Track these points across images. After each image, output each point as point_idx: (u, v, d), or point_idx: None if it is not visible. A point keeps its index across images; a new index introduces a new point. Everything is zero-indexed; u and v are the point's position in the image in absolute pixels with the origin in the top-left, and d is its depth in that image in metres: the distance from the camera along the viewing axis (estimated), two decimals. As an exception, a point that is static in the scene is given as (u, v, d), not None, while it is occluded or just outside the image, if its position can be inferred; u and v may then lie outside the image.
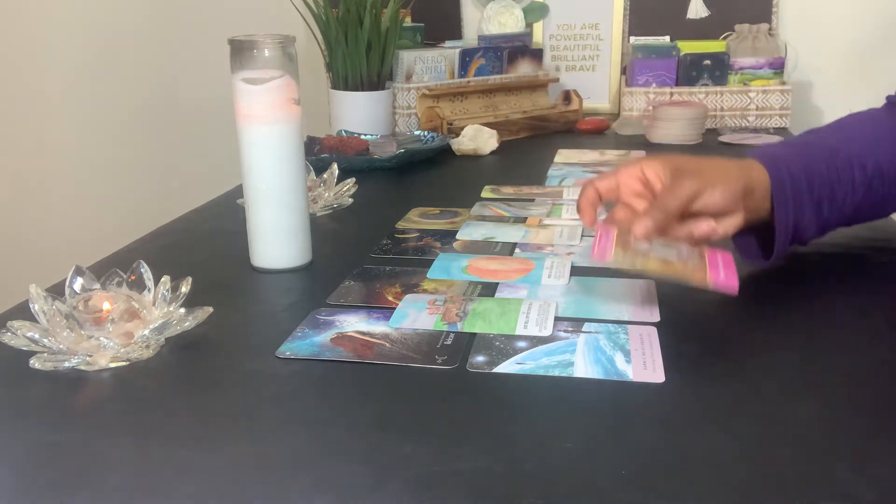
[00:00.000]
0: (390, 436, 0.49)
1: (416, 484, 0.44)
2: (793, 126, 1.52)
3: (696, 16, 1.65)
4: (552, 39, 1.72)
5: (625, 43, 1.67)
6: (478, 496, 0.43)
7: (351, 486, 0.44)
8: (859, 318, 0.66)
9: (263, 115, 0.75)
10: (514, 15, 1.70)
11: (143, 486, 0.45)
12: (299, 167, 0.78)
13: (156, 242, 0.89)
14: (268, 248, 0.79)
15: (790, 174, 0.71)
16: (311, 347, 0.61)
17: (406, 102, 1.47)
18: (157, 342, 0.62)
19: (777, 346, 0.61)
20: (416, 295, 0.71)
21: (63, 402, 0.55)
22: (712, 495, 0.43)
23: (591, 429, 0.49)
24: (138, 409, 0.54)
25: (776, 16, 1.61)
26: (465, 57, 1.52)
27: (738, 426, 0.49)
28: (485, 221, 0.93)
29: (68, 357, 0.59)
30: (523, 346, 0.61)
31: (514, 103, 1.54)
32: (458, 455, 0.47)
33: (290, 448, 0.48)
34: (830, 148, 0.74)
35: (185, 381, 0.58)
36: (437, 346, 0.61)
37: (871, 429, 0.49)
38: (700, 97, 1.52)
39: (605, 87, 1.70)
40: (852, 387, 0.55)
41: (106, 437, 0.50)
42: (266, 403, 0.54)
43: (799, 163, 0.72)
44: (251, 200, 0.78)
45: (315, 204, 0.98)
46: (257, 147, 0.76)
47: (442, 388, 0.55)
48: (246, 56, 0.74)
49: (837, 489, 0.43)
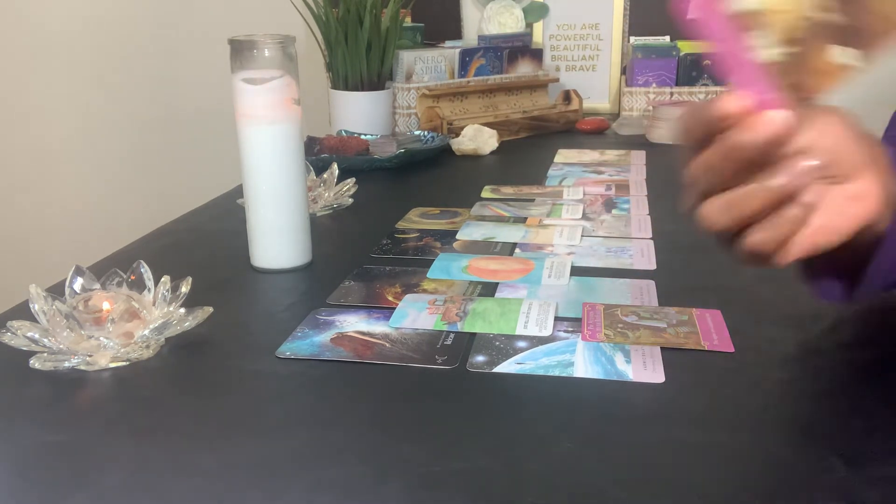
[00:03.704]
0: (390, 436, 0.49)
1: (416, 484, 0.44)
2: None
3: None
4: (552, 39, 1.72)
5: (625, 43, 1.67)
6: (478, 496, 0.43)
7: (351, 486, 0.44)
8: (859, 317, 0.66)
9: (263, 115, 0.75)
10: (514, 15, 1.69)
11: (143, 486, 0.45)
12: (299, 167, 0.78)
13: (156, 242, 0.89)
14: (268, 248, 0.79)
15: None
16: (311, 347, 0.61)
17: (406, 102, 1.47)
18: (157, 342, 0.62)
19: (777, 343, 0.61)
20: (416, 295, 0.71)
21: (63, 402, 0.55)
22: (712, 495, 0.43)
23: (591, 429, 0.49)
24: (138, 409, 0.54)
25: (776, 16, 1.61)
26: (465, 57, 1.52)
27: (737, 426, 0.49)
28: (485, 221, 0.93)
29: (68, 357, 0.59)
30: (523, 346, 0.61)
31: (514, 103, 1.54)
32: (458, 455, 0.47)
33: (290, 448, 0.48)
34: None
35: (185, 381, 0.58)
36: (437, 346, 0.61)
37: (870, 429, 0.49)
38: (700, 97, 1.52)
39: (605, 87, 1.70)
40: (852, 386, 0.55)
41: (106, 437, 0.50)
42: (266, 403, 0.54)
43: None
44: (251, 200, 0.78)
45: (315, 204, 0.98)
46: (257, 147, 0.76)
47: (442, 388, 0.55)
48: (246, 56, 0.74)
49: (837, 489, 0.43)
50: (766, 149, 0.42)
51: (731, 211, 0.44)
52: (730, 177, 0.43)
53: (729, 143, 0.42)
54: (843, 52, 0.39)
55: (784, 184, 0.43)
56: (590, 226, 0.91)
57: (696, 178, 0.45)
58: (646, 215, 0.95)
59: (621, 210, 0.97)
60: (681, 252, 0.81)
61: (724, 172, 0.44)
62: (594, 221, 0.93)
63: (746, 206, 0.43)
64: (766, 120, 0.42)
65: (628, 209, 0.97)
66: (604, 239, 0.87)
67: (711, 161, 0.44)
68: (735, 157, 0.43)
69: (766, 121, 0.42)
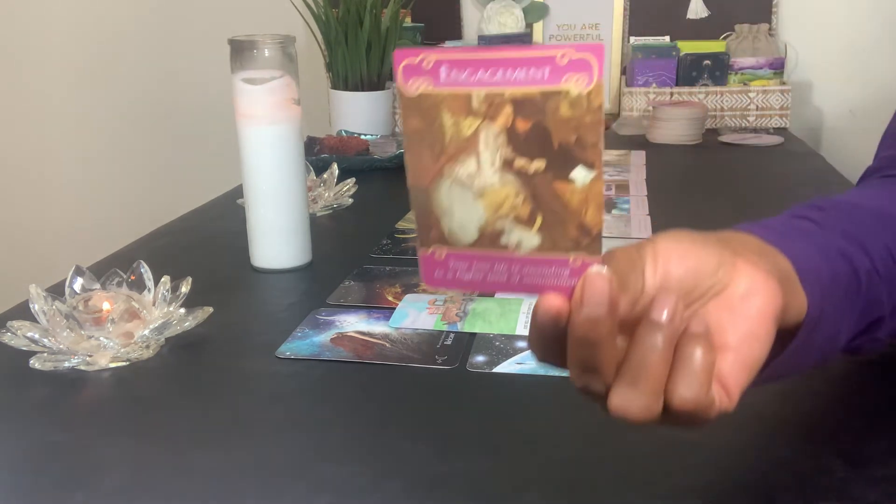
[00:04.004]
0: (390, 436, 0.49)
1: (416, 484, 0.44)
2: (792, 126, 1.52)
3: (696, 16, 1.65)
4: (552, 39, 1.72)
5: (625, 43, 1.67)
6: (478, 496, 0.43)
7: (350, 487, 0.44)
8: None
9: (263, 115, 0.75)
10: (514, 15, 1.69)
11: (143, 486, 0.45)
12: (299, 167, 0.78)
13: (156, 242, 0.89)
14: (268, 248, 0.79)
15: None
16: (311, 347, 0.61)
17: (406, 102, 1.47)
18: (157, 342, 0.62)
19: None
20: (416, 295, 0.71)
21: (63, 402, 0.55)
22: (712, 495, 0.43)
23: (591, 429, 0.49)
24: (138, 409, 0.54)
25: (776, 16, 1.61)
26: (465, 57, 1.52)
27: (737, 426, 0.49)
28: (485, 221, 0.93)
29: (68, 357, 0.59)
30: (523, 346, 0.61)
31: (514, 103, 1.54)
32: (458, 455, 0.46)
33: (290, 448, 0.48)
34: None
35: (185, 381, 0.58)
36: (437, 346, 0.61)
37: (870, 429, 0.49)
38: (700, 97, 1.52)
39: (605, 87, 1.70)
40: (852, 386, 0.55)
41: (106, 437, 0.50)
42: (266, 403, 0.54)
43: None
44: (251, 200, 0.78)
45: (315, 204, 0.98)
46: (257, 147, 0.76)
47: (442, 388, 0.55)
48: (246, 56, 0.74)
49: (837, 489, 0.43)
50: (611, 310, 0.34)
51: (643, 392, 0.35)
52: (610, 353, 0.35)
53: (578, 333, 0.34)
54: (579, 172, 0.34)
55: (666, 335, 0.35)
56: (590, 226, 0.91)
57: (581, 381, 0.36)
58: (646, 215, 0.94)
59: (621, 210, 0.97)
60: (681, 252, 0.81)
61: (601, 356, 0.35)
62: (594, 221, 0.93)
63: (652, 376, 0.35)
64: (590, 289, 0.34)
65: (628, 209, 0.97)
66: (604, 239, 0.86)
67: (580, 357, 0.35)
68: (595, 338, 0.34)
69: (591, 291, 0.34)
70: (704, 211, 0.98)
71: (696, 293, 0.37)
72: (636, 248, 0.38)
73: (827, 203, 0.49)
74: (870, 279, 0.45)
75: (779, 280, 0.38)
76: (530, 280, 0.36)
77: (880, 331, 0.46)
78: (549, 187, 0.34)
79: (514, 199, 0.35)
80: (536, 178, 0.34)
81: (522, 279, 0.36)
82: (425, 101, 0.34)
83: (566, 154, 0.34)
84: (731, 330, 0.37)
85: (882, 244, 0.46)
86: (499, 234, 0.35)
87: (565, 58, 0.32)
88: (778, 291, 0.38)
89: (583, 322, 0.34)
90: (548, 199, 0.35)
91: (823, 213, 0.48)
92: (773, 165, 1.25)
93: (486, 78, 0.33)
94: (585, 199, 0.35)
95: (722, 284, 0.38)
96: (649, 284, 0.36)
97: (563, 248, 0.35)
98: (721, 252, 0.38)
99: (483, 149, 0.34)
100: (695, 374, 0.35)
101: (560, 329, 0.35)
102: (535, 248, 0.35)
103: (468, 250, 0.36)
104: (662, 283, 0.37)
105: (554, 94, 0.33)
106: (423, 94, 0.34)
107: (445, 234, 0.36)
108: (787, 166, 1.24)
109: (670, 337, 0.35)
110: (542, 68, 0.33)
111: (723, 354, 0.37)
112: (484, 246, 0.36)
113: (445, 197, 0.35)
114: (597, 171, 0.34)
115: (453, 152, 0.35)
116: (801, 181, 1.13)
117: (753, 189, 1.12)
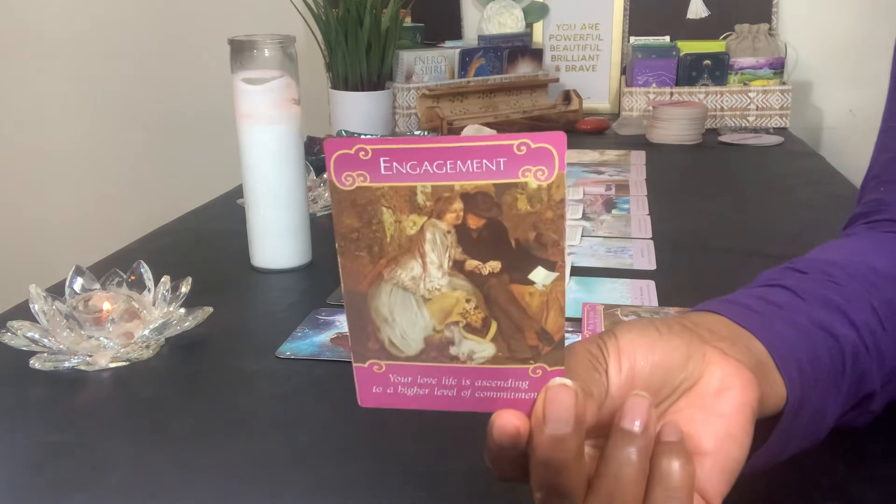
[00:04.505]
0: (390, 436, 0.49)
1: (416, 484, 0.44)
2: (792, 126, 1.52)
3: (696, 16, 1.65)
4: (552, 39, 1.72)
5: (625, 43, 1.67)
6: (477, 496, 0.43)
7: (351, 486, 0.44)
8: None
9: (263, 115, 0.75)
10: (514, 15, 1.69)
11: (143, 486, 0.45)
12: (299, 167, 0.78)
13: (156, 242, 0.89)
14: (268, 248, 0.79)
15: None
16: (311, 347, 0.61)
17: (406, 102, 1.47)
18: (157, 342, 0.62)
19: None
20: (416, 295, 0.71)
21: (63, 402, 0.55)
22: (712, 495, 0.43)
23: (591, 429, 0.49)
24: (138, 409, 0.54)
25: (776, 16, 1.61)
26: (465, 57, 1.52)
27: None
28: (485, 221, 0.93)
29: (68, 357, 0.59)
30: (523, 346, 0.60)
31: (514, 103, 1.54)
32: (458, 455, 0.46)
33: (290, 448, 0.48)
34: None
35: (185, 381, 0.58)
36: (437, 346, 0.61)
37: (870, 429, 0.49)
38: (700, 97, 1.52)
39: (605, 87, 1.70)
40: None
41: (106, 437, 0.50)
42: (266, 403, 0.54)
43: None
44: (251, 200, 0.78)
45: (315, 204, 0.98)
46: (257, 147, 0.76)
47: (442, 388, 0.55)
48: (246, 56, 0.74)
49: (837, 489, 0.43)
50: (578, 427, 0.30)
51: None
52: (578, 473, 0.31)
53: (541, 454, 0.31)
54: (539, 274, 0.31)
55: (640, 446, 0.31)
56: (590, 226, 0.91)
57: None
58: (646, 215, 0.95)
59: (621, 210, 0.97)
60: (681, 252, 0.81)
61: (568, 478, 0.31)
62: (594, 221, 0.93)
63: (629, 493, 0.31)
64: (552, 405, 0.30)
65: (628, 209, 0.97)
66: (604, 239, 0.87)
67: (544, 480, 0.31)
68: (561, 459, 0.30)
69: (553, 406, 0.30)
70: (705, 211, 0.98)
71: (665, 391, 0.34)
72: (596, 345, 0.34)
73: (805, 265, 0.46)
74: (856, 353, 0.41)
75: (752, 369, 0.36)
76: (484, 394, 0.32)
77: (873, 404, 0.43)
78: (504, 291, 0.31)
79: (464, 305, 0.31)
80: (490, 281, 0.31)
81: (475, 393, 0.32)
82: (362, 196, 0.30)
83: (524, 253, 0.30)
84: (705, 432, 0.34)
85: (868, 307, 0.43)
86: (447, 343, 0.32)
87: (523, 147, 0.29)
88: (753, 382, 0.35)
89: (546, 442, 0.30)
90: (503, 303, 0.31)
91: (801, 277, 0.45)
92: (773, 165, 1.25)
93: (433, 170, 0.29)
94: (546, 303, 0.31)
95: (692, 379, 0.35)
96: (614, 385, 0.33)
97: (520, 358, 0.31)
98: (689, 342, 0.35)
99: (429, 249, 0.31)
100: (675, 490, 0.32)
101: (519, 449, 0.31)
102: (490, 358, 0.32)
103: (412, 363, 0.32)
104: (628, 382, 0.33)
105: (510, 186, 0.29)
106: (360, 188, 0.30)
107: (385, 345, 0.32)
108: (787, 166, 1.24)
109: (645, 448, 0.32)
110: (496, 159, 0.29)
111: (699, 460, 0.33)
112: (430, 358, 0.32)
113: (386, 303, 0.32)
114: (559, 272, 0.30)
115: (395, 254, 0.31)
116: (801, 181, 1.13)
117: (753, 189, 1.12)
